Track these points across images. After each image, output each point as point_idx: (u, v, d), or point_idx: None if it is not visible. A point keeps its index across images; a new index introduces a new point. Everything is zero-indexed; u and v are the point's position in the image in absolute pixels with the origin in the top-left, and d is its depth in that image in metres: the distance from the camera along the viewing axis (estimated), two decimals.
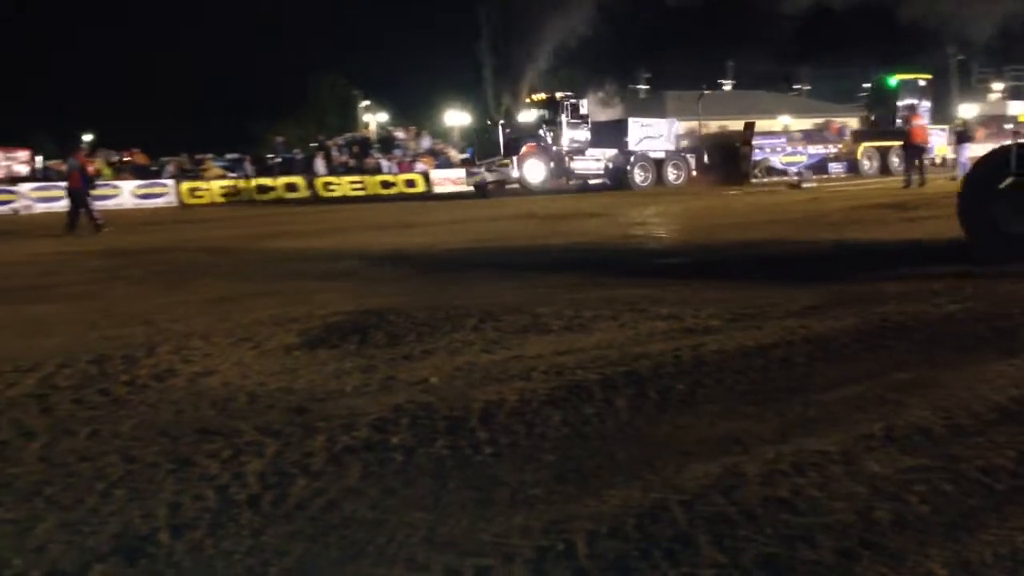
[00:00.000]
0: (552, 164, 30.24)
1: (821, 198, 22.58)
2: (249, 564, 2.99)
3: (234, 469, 3.89)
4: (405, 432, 4.34)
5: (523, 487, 3.58)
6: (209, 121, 58.41)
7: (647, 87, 64.30)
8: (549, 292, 8.33)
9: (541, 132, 30.47)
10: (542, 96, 32.47)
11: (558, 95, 31.64)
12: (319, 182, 36.23)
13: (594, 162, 31.27)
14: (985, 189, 9.93)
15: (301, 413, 4.72)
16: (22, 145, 39.97)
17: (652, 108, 57.42)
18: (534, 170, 29.79)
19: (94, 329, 7.29)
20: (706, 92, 49.15)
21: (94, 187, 20.96)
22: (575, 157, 30.81)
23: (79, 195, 19.78)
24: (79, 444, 4.31)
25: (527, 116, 32.01)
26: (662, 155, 32.12)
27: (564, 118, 30.66)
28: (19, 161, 38.28)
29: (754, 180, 33.26)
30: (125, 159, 38.11)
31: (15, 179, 33.72)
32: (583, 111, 31.37)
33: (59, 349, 6.47)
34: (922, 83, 37.94)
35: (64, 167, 23.28)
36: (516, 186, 30.16)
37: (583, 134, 31.17)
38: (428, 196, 34.48)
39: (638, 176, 31.31)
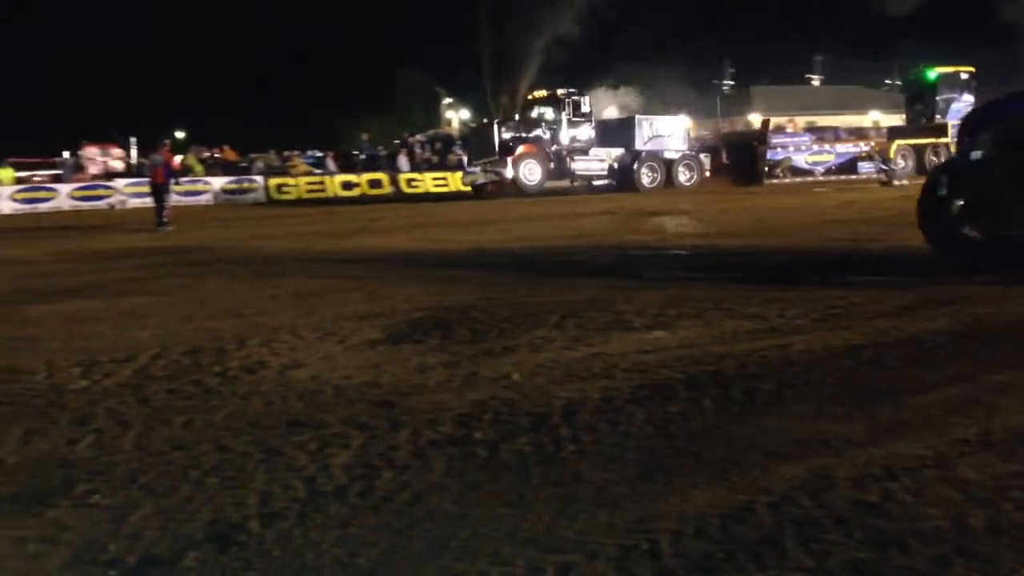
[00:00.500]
0: (552, 164, 28.88)
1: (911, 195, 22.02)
2: (337, 555, 3.04)
3: (321, 461, 3.96)
4: (488, 428, 4.37)
5: (607, 485, 3.57)
6: (297, 118, 59.48)
7: (732, 82, 63.40)
8: (630, 289, 8.29)
9: (540, 131, 29.05)
10: (542, 93, 31.10)
11: (559, 92, 30.21)
12: (402, 178, 36.61)
13: (597, 162, 29.78)
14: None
15: (386, 407, 4.78)
16: (117, 141, 41.19)
17: (738, 103, 56.62)
18: (530, 171, 28.36)
19: (187, 322, 7.49)
20: (794, 87, 47.95)
21: (177, 182, 21.51)
22: (576, 157, 29.36)
23: (161, 190, 20.32)
24: (174, 433, 4.43)
25: (525, 114, 30.67)
26: (673, 155, 30.58)
27: (565, 116, 29.24)
28: (115, 157, 39.52)
29: (775, 180, 31.68)
30: (216, 155, 39.04)
31: (111, 175, 34.78)
32: (585, 108, 29.91)
33: (153, 341, 6.67)
34: (964, 76, 35.60)
35: (148, 163, 23.85)
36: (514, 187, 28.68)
37: (586, 133, 29.75)
38: (510, 192, 34.45)
39: (645, 177, 29.78)
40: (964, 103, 33.42)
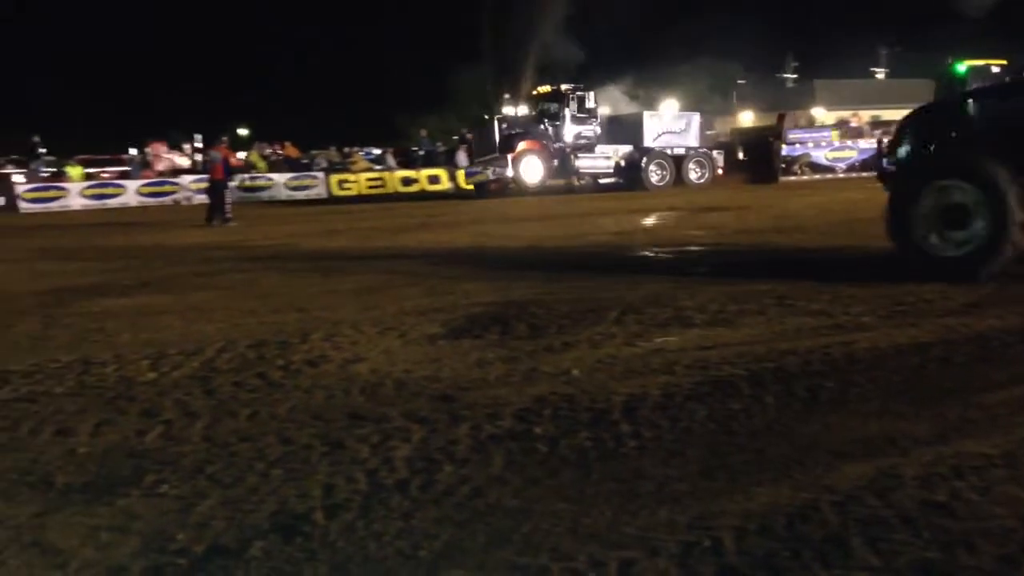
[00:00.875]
0: (555, 162, 27.85)
1: None
2: (399, 547, 3.08)
3: (383, 453, 4.00)
4: (548, 423, 4.37)
5: (668, 481, 3.55)
6: (357, 115, 60.04)
7: (795, 76, 62.47)
8: (691, 285, 8.24)
9: (543, 127, 28.08)
10: (546, 88, 29.84)
11: (563, 87, 29.15)
12: (460, 174, 36.69)
13: (603, 160, 28.66)
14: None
15: (446, 401, 4.81)
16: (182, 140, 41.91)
17: (801, 97, 55.74)
18: (531, 169, 27.40)
19: (251, 315, 7.60)
20: (858, 80, 46.87)
21: (233, 179, 21.82)
22: (581, 155, 28.32)
23: (220, 186, 20.61)
24: (239, 425, 4.51)
25: (528, 110, 29.63)
26: (682, 151, 29.48)
27: (569, 112, 28.21)
28: (181, 154, 40.23)
29: (792, 178, 30.55)
30: (278, 152, 39.54)
31: (177, 171, 35.42)
32: (590, 104, 28.75)
33: (219, 334, 6.79)
34: (995, 70, 34.09)
35: (207, 159, 24.15)
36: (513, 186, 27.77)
37: (591, 129, 28.63)
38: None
39: (654, 175, 28.68)
40: None
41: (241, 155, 38.82)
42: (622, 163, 28.67)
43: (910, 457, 3.71)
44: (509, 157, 26.57)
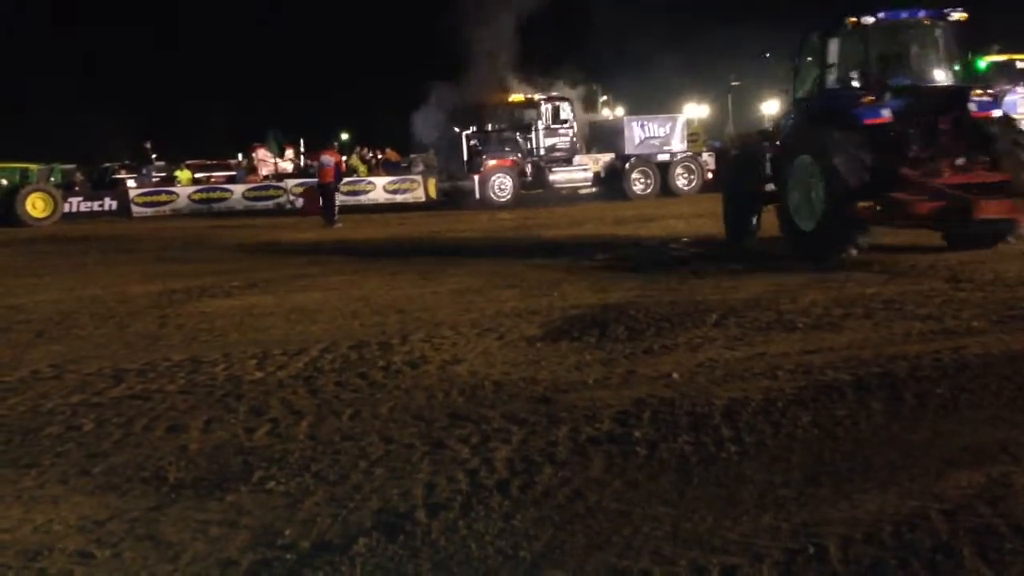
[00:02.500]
0: (529, 177, 26.10)
1: None
2: (500, 547, 3.10)
3: (483, 454, 4.04)
4: (647, 426, 4.35)
5: (771, 487, 3.50)
6: None
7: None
8: (793, 289, 8.08)
9: (517, 140, 26.44)
10: (519, 98, 27.79)
11: (537, 97, 27.28)
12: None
13: (580, 172, 26.85)
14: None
15: (545, 403, 4.83)
16: (289, 143, 42.89)
17: None
18: (499, 186, 25.56)
19: (353, 317, 7.75)
20: None
21: (343, 182, 22.18)
22: (556, 168, 26.51)
23: (330, 189, 21.01)
24: (343, 424, 4.61)
25: (498, 121, 27.66)
26: (667, 158, 27.41)
27: (542, 124, 26.44)
28: (285, 159, 41.15)
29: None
30: (379, 156, 40.11)
31: (281, 175, 36.23)
32: (565, 115, 26.85)
33: (322, 335, 6.94)
34: (1021, 65, 31.45)
35: (317, 163, 24.54)
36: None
37: (567, 140, 26.74)
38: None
39: (636, 184, 26.82)
40: (1020, 95, 30.16)
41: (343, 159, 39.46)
42: (602, 173, 27.13)
43: (1022, 465, 3.59)
44: (476, 177, 24.92)
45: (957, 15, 10.56)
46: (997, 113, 10.57)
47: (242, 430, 4.59)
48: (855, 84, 10.71)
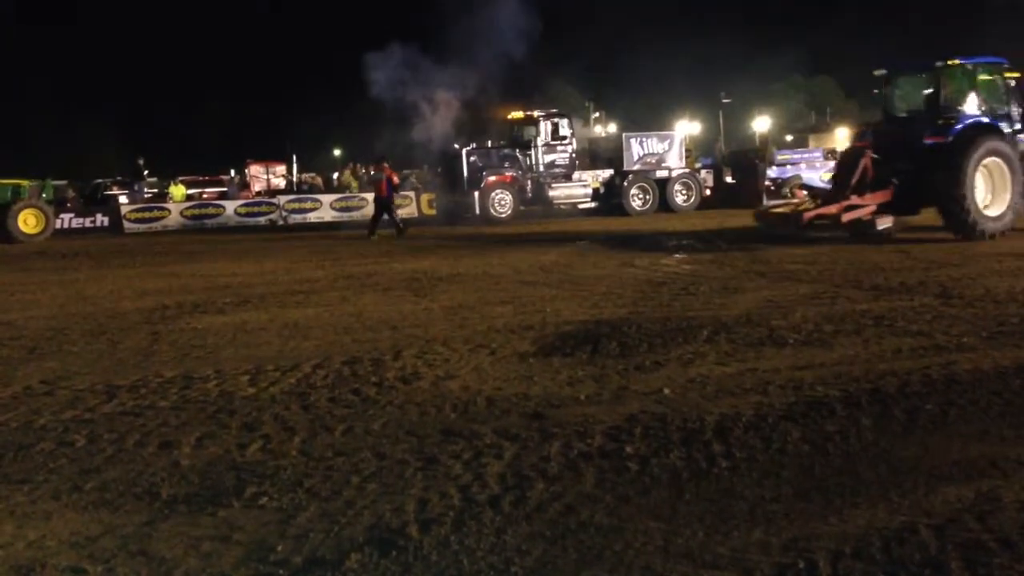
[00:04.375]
0: (529, 193, 26.25)
1: None
2: (492, 562, 3.12)
3: (476, 470, 4.05)
4: (639, 441, 4.37)
5: (762, 502, 3.53)
6: None
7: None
8: (784, 305, 8.12)
9: (516, 156, 26.49)
10: (518, 114, 27.96)
11: (536, 113, 27.41)
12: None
13: (580, 188, 26.94)
14: None
15: (537, 418, 4.84)
16: (279, 159, 42.98)
17: None
18: (499, 203, 25.74)
19: (346, 333, 7.76)
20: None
21: (397, 195, 22.79)
22: (555, 184, 26.68)
23: (386, 203, 21.77)
24: (335, 440, 4.62)
25: (499, 138, 27.87)
26: (666, 174, 27.57)
27: (542, 140, 26.58)
28: (277, 175, 41.22)
29: (781, 201, 28.47)
30: (372, 172, 40.16)
31: (274, 192, 36.29)
32: (564, 132, 26.99)
33: (315, 351, 6.95)
34: (1010, 83, 31.22)
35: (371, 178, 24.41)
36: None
37: (565, 157, 26.93)
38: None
39: (635, 200, 26.99)
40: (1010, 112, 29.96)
41: (334, 175, 39.56)
42: (601, 189, 27.34)
43: (1011, 480, 3.62)
44: (476, 193, 25.04)
45: None
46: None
47: (235, 446, 4.60)
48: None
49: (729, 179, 29.66)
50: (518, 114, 27.94)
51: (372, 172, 23.46)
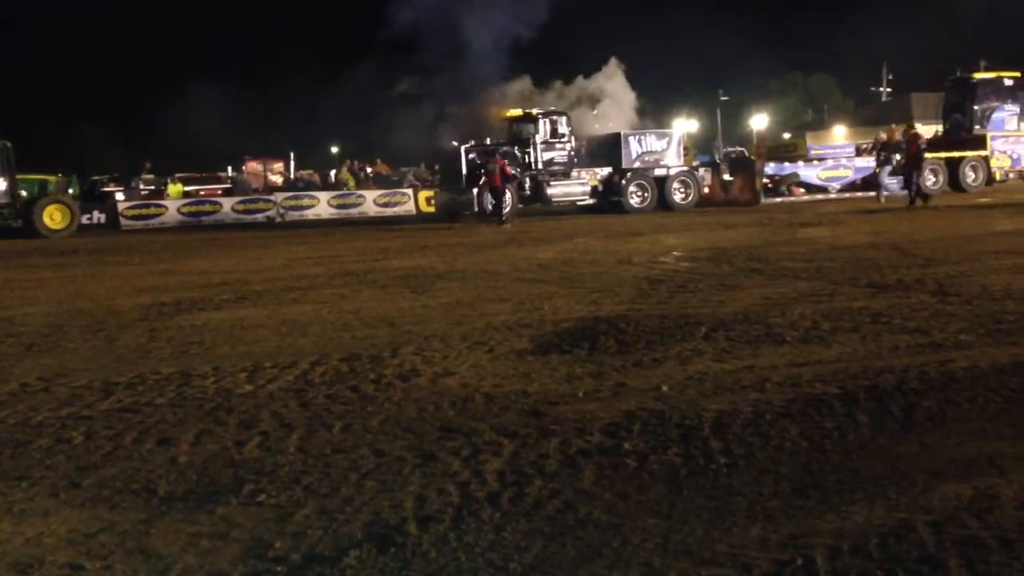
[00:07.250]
0: (527, 191, 26.41)
1: None
2: (491, 558, 3.12)
3: (474, 467, 4.06)
4: (637, 438, 4.38)
5: (760, 499, 3.53)
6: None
7: (889, 89, 61.16)
8: (782, 302, 8.13)
9: (515, 154, 26.50)
10: (516, 112, 28.11)
11: (534, 111, 27.49)
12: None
13: (578, 186, 27.12)
14: None
15: (536, 415, 4.85)
16: (277, 156, 42.99)
17: (895, 111, 54.56)
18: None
19: (344, 330, 7.76)
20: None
21: (510, 186, 23.89)
22: (553, 182, 26.78)
23: (499, 193, 23.31)
24: (333, 437, 4.62)
25: (498, 136, 28.07)
26: (664, 172, 27.68)
27: (540, 138, 26.71)
28: (275, 172, 41.23)
29: (778, 200, 28.32)
30: (368, 169, 40.17)
31: (271, 189, 36.30)
32: (563, 129, 27.10)
33: (313, 348, 6.95)
34: (1008, 83, 31.08)
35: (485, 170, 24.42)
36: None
37: (563, 155, 27.07)
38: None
39: (634, 198, 27.11)
40: (1008, 112, 29.89)
41: (331, 172, 39.53)
42: (600, 187, 27.32)
43: (1009, 477, 3.63)
44: (474, 191, 24.90)
45: None
46: None
47: (232, 443, 4.59)
48: None
49: (727, 176, 29.71)
50: (516, 112, 28.03)
51: (487, 164, 23.63)
